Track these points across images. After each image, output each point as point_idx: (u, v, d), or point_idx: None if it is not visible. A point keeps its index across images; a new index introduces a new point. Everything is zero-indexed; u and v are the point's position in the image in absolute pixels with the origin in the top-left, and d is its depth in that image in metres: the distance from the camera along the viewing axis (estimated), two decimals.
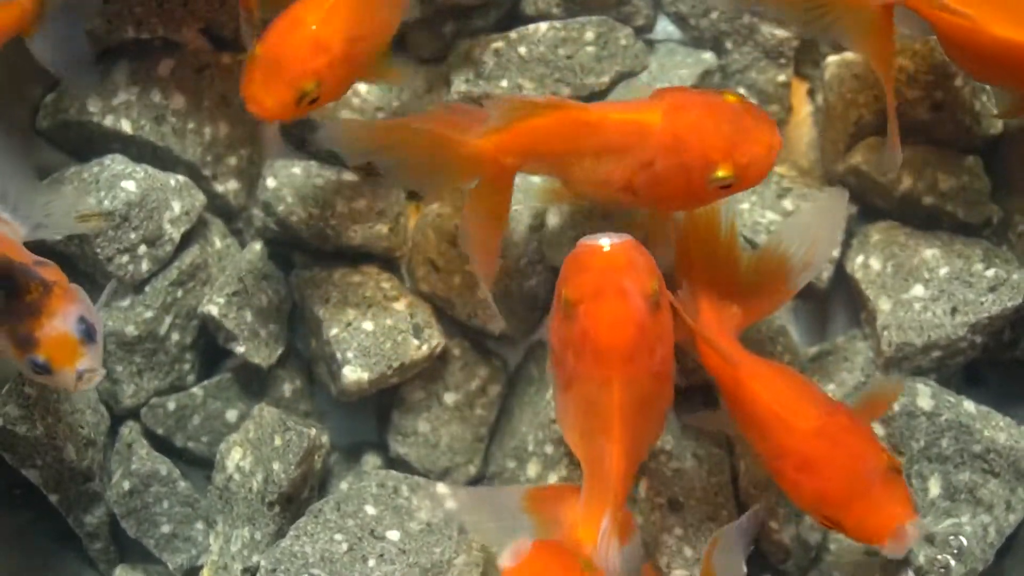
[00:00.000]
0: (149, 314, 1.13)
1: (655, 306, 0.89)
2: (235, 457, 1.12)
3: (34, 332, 0.92)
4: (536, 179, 1.06)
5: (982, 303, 1.11)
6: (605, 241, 0.90)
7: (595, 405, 0.90)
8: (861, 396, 1.07)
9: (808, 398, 0.98)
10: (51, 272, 0.96)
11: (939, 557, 1.07)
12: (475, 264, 1.01)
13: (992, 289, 1.11)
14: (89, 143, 1.16)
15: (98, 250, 1.10)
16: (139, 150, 1.16)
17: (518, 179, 1.00)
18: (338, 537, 1.08)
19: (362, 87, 1.20)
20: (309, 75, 0.96)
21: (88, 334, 0.92)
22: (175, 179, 1.14)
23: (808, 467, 0.94)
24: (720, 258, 1.04)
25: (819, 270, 1.13)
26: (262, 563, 1.08)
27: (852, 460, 0.93)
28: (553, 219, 1.11)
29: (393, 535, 1.08)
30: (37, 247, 1.02)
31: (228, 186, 1.19)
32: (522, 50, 1.14)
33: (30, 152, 1.12)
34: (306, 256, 1.19)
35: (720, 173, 0.93)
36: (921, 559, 1.07)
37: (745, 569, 1.02)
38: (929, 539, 1.07)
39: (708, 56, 1.20)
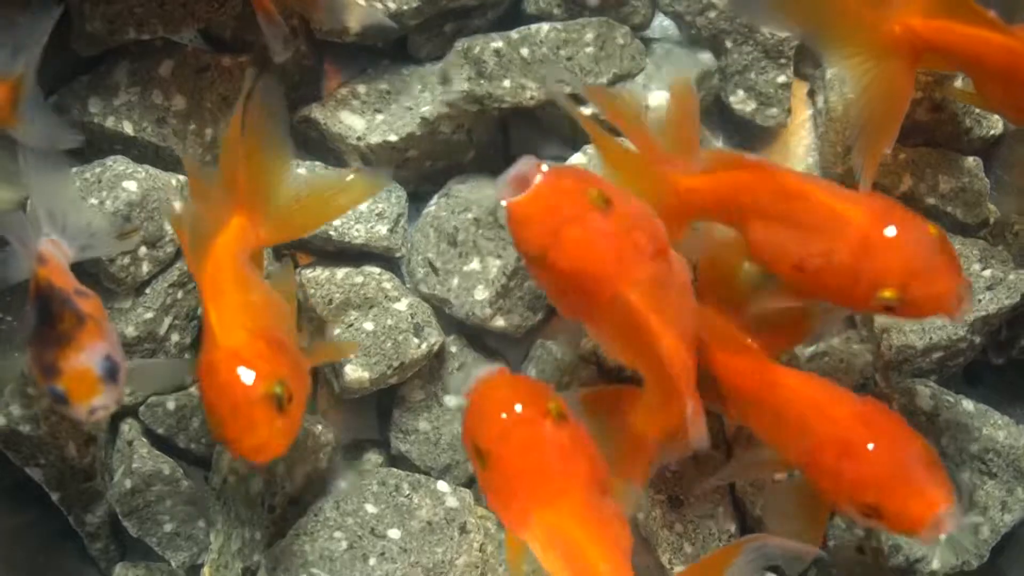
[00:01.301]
0: (149, 315, 1.13)
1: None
2: (230, 457, 1.12)
3: (59, 362, 0.91)
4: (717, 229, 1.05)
5: (979, 302, 1.11)
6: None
7: None
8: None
9: (840, 391, 0.97)
10: (89, 304, 0.96)
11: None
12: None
13: (989, 288, 1.12)
14: (90, 144, 1.16)
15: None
16: (140, 151, 1.16)
17: None
18: (338, 535, 1.08)
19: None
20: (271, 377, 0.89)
21: (110, 373, 0.92)
22: (176, 179, 1.14)
23: (849, 453, 0.93)
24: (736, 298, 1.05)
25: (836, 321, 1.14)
26: (262, 562, 1.09)
27: (893, 444, 0.92)
28: None
29: (394, 533, 1.09)
30: None
31: None
32: (524, 51, 1.14)
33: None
34: (308, 256, 1.19)
35: (887, 294, 0.92)
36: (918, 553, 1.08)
37: None
38: None
39: (706, 57, 1.20)
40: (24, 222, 1.00)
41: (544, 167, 0.88)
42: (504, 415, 0.89)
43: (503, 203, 0.89)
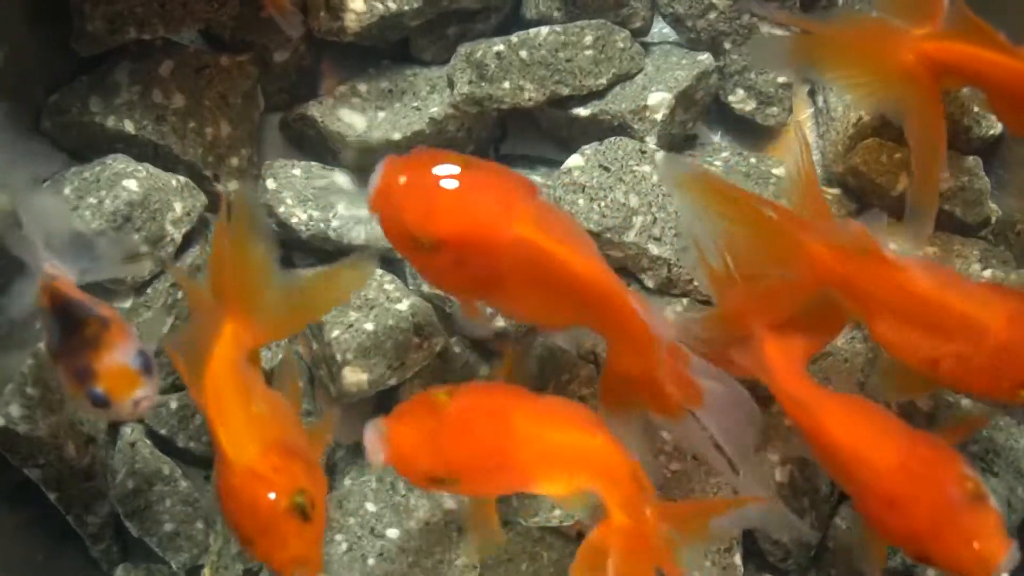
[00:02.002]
0: (150, 315, 1.13)
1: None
2: None
3: (92, 364, 0.92)
4: None
5: None
6: None
7: None
8: (946, 426, 1.08)
9: (887, 431, 0.96)
10: (107, 309, 0.96)
11: None
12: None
13: None
14: (91, 144, 1.16)
15: None
16: (141, 150, 1.17)
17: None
18: (338, 538, 1.08)
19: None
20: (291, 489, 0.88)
21: (146, 366, 0.92)
22: (176, 179, 1.14)
23: (893, 506, 0.92)
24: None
25: None
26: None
27: (936, 494, 0.91)
28: None
29: (392, 533, 1.08)
30: None
31: (229, 187, 1.19)
32: (523, 54, 1.14)
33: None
34: (308, 257, 1.19)
35: None
36: None
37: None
38: None
39: (704, 57, 1.20)
40: (32, 241, 1.00)
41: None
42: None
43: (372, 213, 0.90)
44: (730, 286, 1.01)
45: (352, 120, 1.18)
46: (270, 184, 1.16)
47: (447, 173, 0.89)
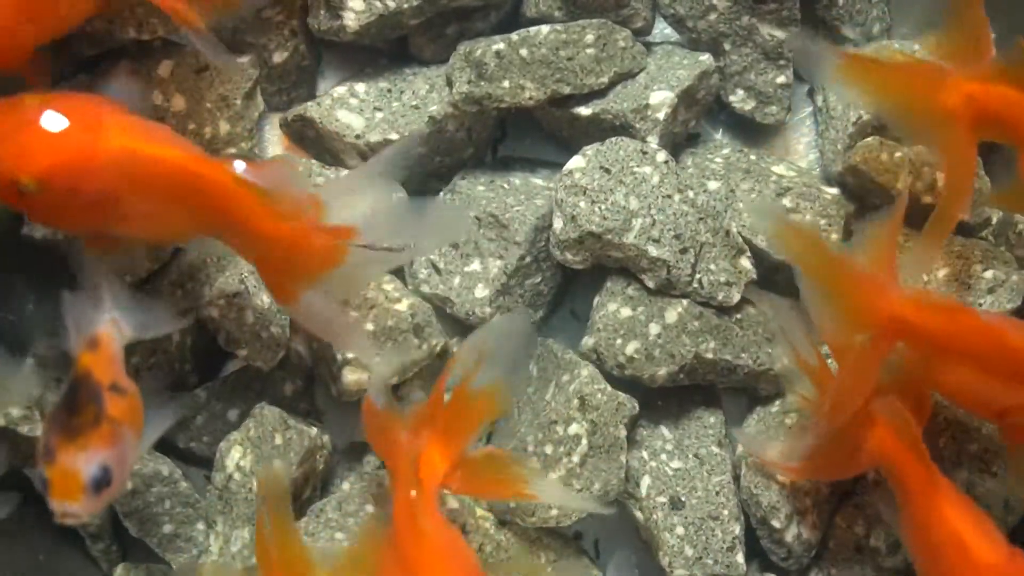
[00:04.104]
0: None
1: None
2: (235, 456, 1.12)
3: (57, 450, 0.91)
4: None
5: (981, 305, 1.11)
6: None
7: None
8: None
9: (993, 533, 0.96)
10: (120, 404, 0.95)
11: None
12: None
13: (991, 291, 1.12)
14: None
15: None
16: None
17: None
18: (339, 536, 1.08)
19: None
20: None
21: (97, 484, 0.91)
22: None
23: None
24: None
25: None
26: None
27: None
28: (558, 222, 1.11)
29: None
30: None
31: None
32: (524, 52, 1.14)
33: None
34: None
35: None
36: None
37: None
38: None
39: (705, 58, 1.20)
40: (84, 305, 1.01)
41: None
42: None
43: None
44: (826, 379, 1.04)
45: (350, 121, 1.17)
46: None
47: (30, 113, 0.88)
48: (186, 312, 1.12)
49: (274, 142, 1.24)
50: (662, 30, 1.25)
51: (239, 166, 0.95)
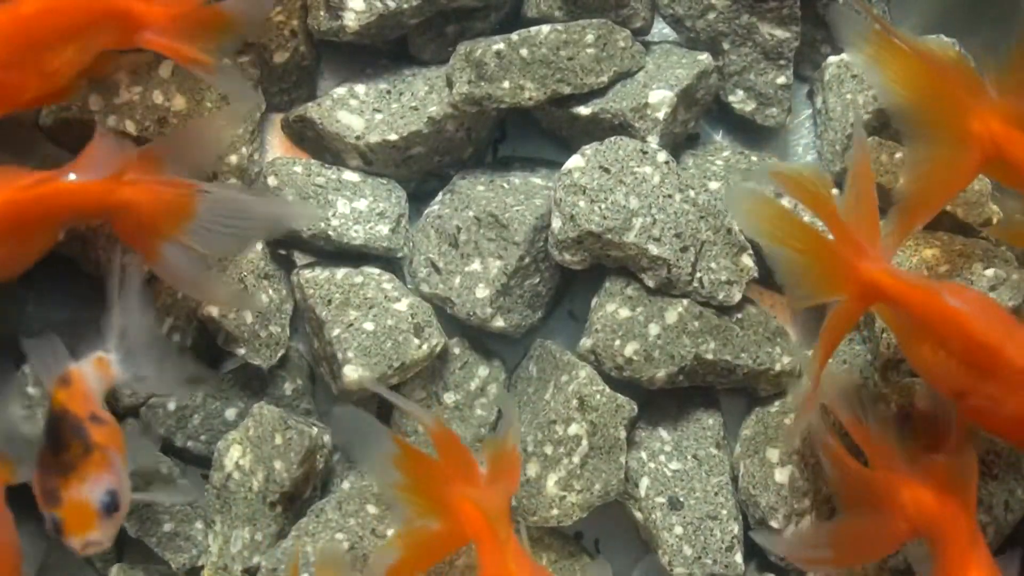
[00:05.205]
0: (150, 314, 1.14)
1: None
2: (234, 455, 1.12)
3: (60, 490, 0.92)
4: None
5: None
6: None
7: None
8: None
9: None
10: (103, 433, 0.96)
11: None
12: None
13: (992, 289, 1.11)
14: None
15: (100, 252, 1.11)
16: None
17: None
18: (339, 536, 1.08)
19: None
20: None
21: (108, 508, 0.93)
22: None
23: None
24: None
25: None
26: (262, 563, 1.08)
27: None
28: (556, 221, 1.11)
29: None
30: None
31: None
32: (524, 52, 1.14)
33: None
34: (307, 256, 1.19)
35: None
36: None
37: None
38: None
39: (704, 57, 1.20)
40: (52, 347, 1.01)
41: None
42: None
43: None
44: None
45: (350, 121, 1.17)
46: (271, 181, 1.16)
47: None
48: (199, 381, 1.13)
49: (275, 143, 1.24)
50: (660, 30, 1.25)
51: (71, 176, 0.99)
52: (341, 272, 1.16)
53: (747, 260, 1.13)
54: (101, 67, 1.08)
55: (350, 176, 1.19)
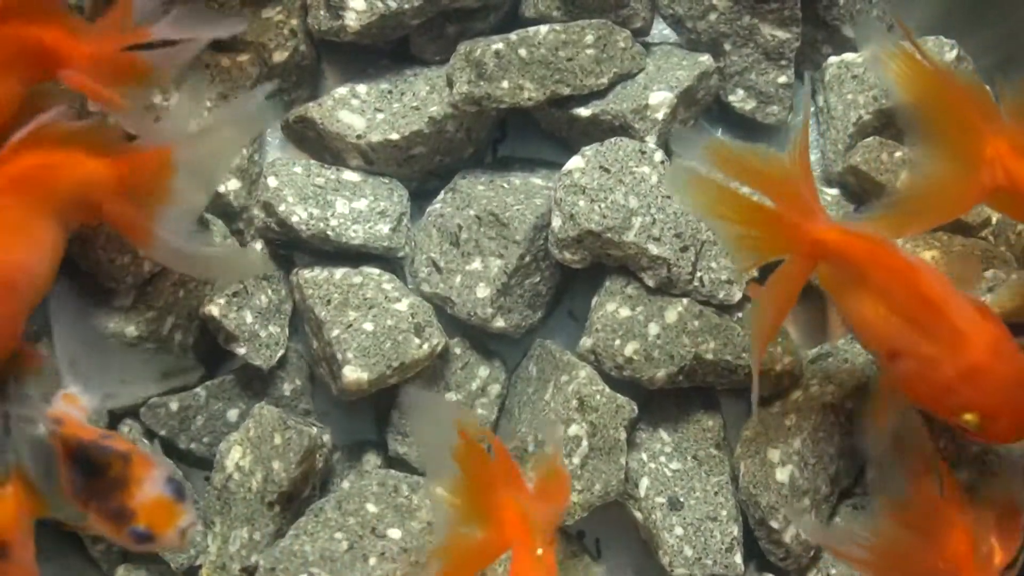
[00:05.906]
0: (151, 314, 1.13)
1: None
2: (235, 456, 1.12)
3: (127, 503, 0.92)
4: None
5: None
6: None
7: None
8: None
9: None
10: (120, 442, 0.96)
11: None
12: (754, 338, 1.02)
13: (991, 289, 1.12)
14: None
15: (100, 251, 1.11)
16: None
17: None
18: (338, 536, 1.08)
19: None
20: None
21: (179, 492, 0.93)
22: None
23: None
24: None
25: None
26: (261, 562, 1.08)
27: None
28: (556, 220, 1.11)
29: (394, 533, 1.09)
30: None
31: (229, 186, 1.19)
32: (523, 52, 1.14)
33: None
34: (307, 256, 1.19)
35: (968, 418, 0.93)
36: None
37: None
38: None
39: (705, 58, 1.20)
40: (23, 407, 1.00)
41: None
42: None
43: None
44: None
45: (352, 121, 1.17)
46: (271, 182, 1.16)
47: None
48: (175, 373, 1.13)
49: (275, 143, 1.24)
50: (660, 30, 1.25)
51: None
52: (340, 272, 1.16)
53: None
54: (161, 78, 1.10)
55: (350, 176, 1.19)
